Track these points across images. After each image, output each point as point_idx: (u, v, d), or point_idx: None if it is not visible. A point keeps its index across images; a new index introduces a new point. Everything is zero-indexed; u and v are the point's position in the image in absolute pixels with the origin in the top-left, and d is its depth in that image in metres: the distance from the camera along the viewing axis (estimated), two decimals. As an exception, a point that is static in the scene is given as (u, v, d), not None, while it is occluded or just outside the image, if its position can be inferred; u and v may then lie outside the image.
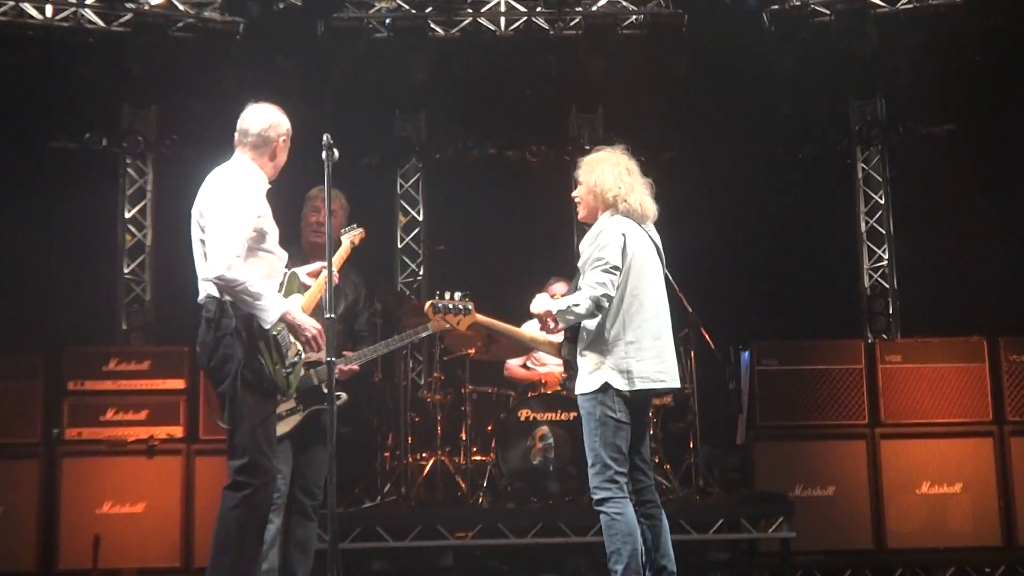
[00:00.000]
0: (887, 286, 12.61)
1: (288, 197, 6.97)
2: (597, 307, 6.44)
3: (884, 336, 12.21)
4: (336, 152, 6.37)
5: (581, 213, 6.97)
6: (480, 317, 7.23)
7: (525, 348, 10.40)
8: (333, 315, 6.24)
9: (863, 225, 12.82)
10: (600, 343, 6.54)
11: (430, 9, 11.72)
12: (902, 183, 12.75)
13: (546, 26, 11.84)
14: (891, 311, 12.51)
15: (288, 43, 11.39)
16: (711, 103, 12.11)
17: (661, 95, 12.02)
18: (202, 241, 6.28)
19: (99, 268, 12.24)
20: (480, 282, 11.88)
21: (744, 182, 12.30)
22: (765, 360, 10.36)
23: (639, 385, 6.48)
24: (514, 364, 10.72)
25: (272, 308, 6.21)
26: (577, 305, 6.46)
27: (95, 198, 12.24)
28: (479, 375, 10.21)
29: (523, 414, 9.68)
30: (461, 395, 9.93)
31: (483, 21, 11.85)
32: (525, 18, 11.84)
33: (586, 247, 6.69)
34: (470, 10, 11.77)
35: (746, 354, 10.57)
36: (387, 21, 11.71)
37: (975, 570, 10.14)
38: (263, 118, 6.55)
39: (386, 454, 10.45)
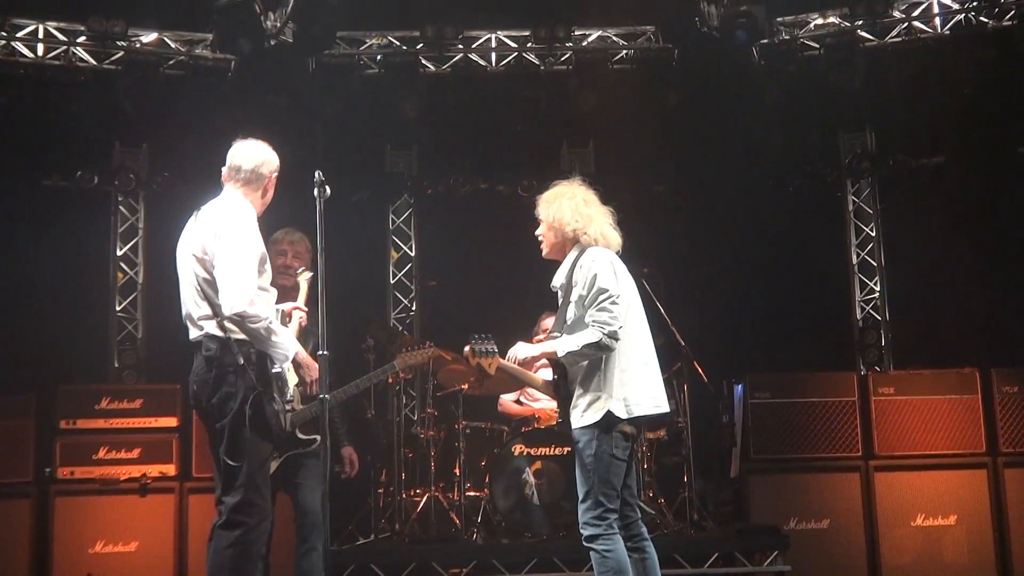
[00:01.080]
0: (879, 318, 12.62)
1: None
2: (613, 340, 6.30)
3: (877, 368, 12.21)
4: (328, 189, 6.37)
5: (545, 251, 6.91)
6: (500, 361, 7.00)
7: (519, 383, 10.39)
8: (326, 352, 6.23)
9: (854, 257, 12.85)
10: (594, 374, 6.42)
11: (421, 45, 11.75)
12: (892, 215, 12.78)
13: (537, 61, 11.89)
14: (883, 343, 12.52)
15: (279, 80, 11.41)
16: (702, 137, 12.16)
17: (652, 129, 12.06)
18: (205, 280, 6.23)
19: (91, 306, 12.21)
20: (473, 317, 11.92)
21: (735, 215, 12.34)
22: (758, 393, 10.35)
23: (636, 412, 6.36)
24: (508, 399, 10.72)
25: (289, 346, 6.24)
26: (592, 343, 6.29)
27: (87, 236, 12.23)
28: (472, 410, 10.19)
29: (517, 449, 9.67)
30: (454, 431, 9.91)
31: (474, 57, 11.89)
32: (516, 53, 11.89)
33: (576, 280, 6.56)
34: (461, 46, 11.81)
35: (739, 387, 10.56)
36: (378, 57, 11.75)
37: (971, 602, 10.13)
38: (255, 155, 6.53)
39: (380, 491, 10.40)
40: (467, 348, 6.72)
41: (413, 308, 12.97)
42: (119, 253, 12.42)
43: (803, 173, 12.87)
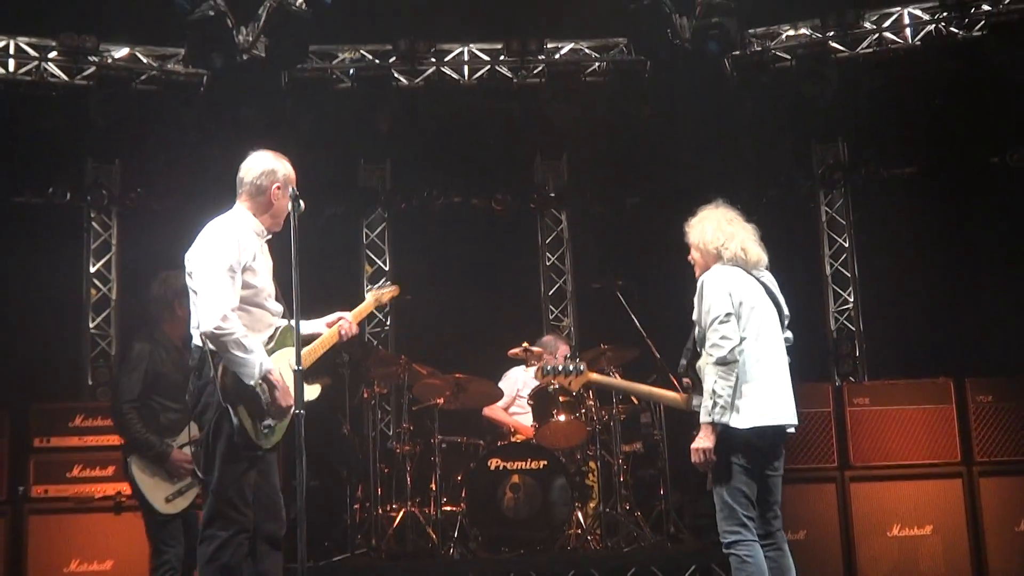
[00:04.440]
0: (853, 329, 12.65)
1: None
2: (726, 364, 6.39)
3: (851, 379, 12.23)
4: (302, 203, 6.35)
5: (697, 273, 6.95)
6: (593, 376, 7.35)
7: (499, 395, 10.40)
8: (300, 367, 6.20)
9: (828, 268, 12.88)
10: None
11: (393, 59, 11.73)
12: (866, 226, 12.81)
13: (509, 74, 11.89)
14: (858, 353, 12.54)
15: (252, 95, 11.39)
16: (674, 149, 12.16)
17: (625, 141, 12.12)
18: (193, 291, 6.23)
19: (64, 323, 12.13)
20: (448, 330, 11.96)
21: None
22: (734, 405, 10.34)
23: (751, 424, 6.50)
24: (497, 405, 10.61)
25: (255, 365, 6.12)
26: (715, 384, 6.41)
27: (59, 252, 12.16)
28: (448, 425, 10.17)
29: (493, 463, 9.66)
30: (431, 445, 9.88)
31: (446, 70, 11.88)
32: (488, 66, 11.89)
33: (696, 304, 6.70)
34: (433, 59, 11.80)
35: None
36: (351, 71, 11.73)
37: (947, 611, 10.15)
38: (256, 166, 6.48)
39: (356, 506, 10.38)
40: (536, 369, 7.36)
41: (388, 323, 12.95)
42: (92, 270, 12.33)
43: (776, 184, 12.92)
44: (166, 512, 7.45)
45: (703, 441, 6.46)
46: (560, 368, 7.16)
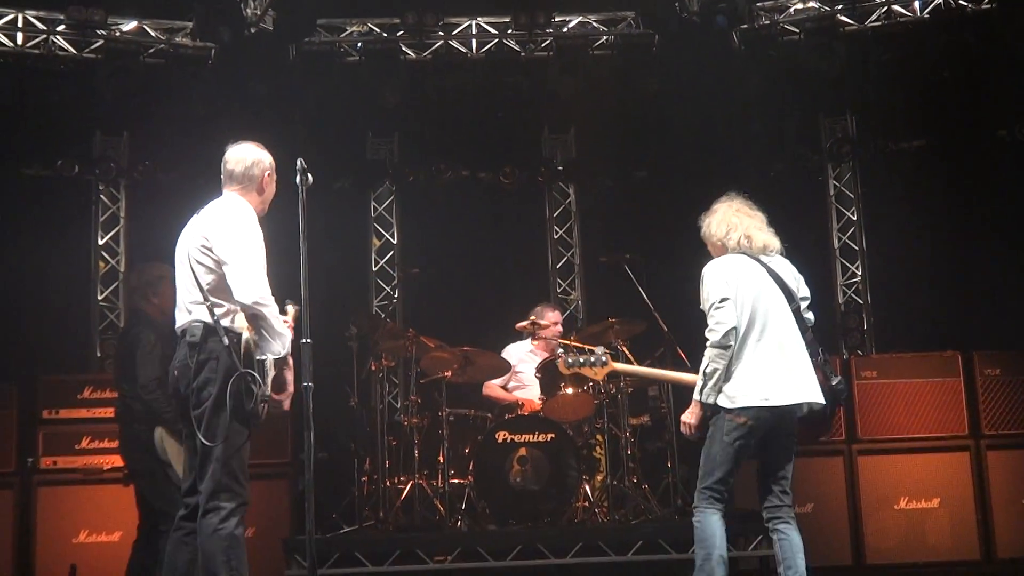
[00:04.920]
0: (861, 302, 12.64)
1: (263, 224, 6.92)
2: (720, 348, 6.68)
3: (859, 352, 12.22)
4: (310, 176, 6.37)
5: None
6: (617, 365, 7.68)
7: (506, 368, 10.41)
8: (309, 340, 6.24)
9: (836, 241, 12.85)
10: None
11: (401, 32, 11.73)
12: (874, 199, 12.78)
13: (517, 48, 11.88)
14: (865, 327, 12.54)
15: (260, 68, 11.39)
16: (682, 122, 12.15)
17: (632, 115, 12.09)
18: (201, 266, 6.29)
19: (73, 295, 12.16)
20: (456, 303, 11.96)
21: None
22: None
23: (740, 403, 6.76)
24: (494, 383, 10.66)
25: (289, 338, 6.34)
26: (706, 366, 6.74)
27: (68, 225, 12.18)
28: (456, 398, 10.18)
29: (500, 436, 9.66)
30: (438, 418, 9.88)
31: (454, 43, 11.88)
32: (496, 40, 11.88)
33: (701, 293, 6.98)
34: (441, 33, 11.79)
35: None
36: (359, 45, 11.72)
37: (954, 584, 10.19)
38: (245, 156, 6.57)
39: (364, 479, 10.39)
40: (559, 361, 7.57)
41: (395, 296, 12.94)
42: (100, 242, 12.35)
43: (784, 158, 12.89)
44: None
45: (689, 416, 6.88)
46: (582, 360, 7.37)
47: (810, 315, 7.06)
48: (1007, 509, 10.19)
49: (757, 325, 6.75)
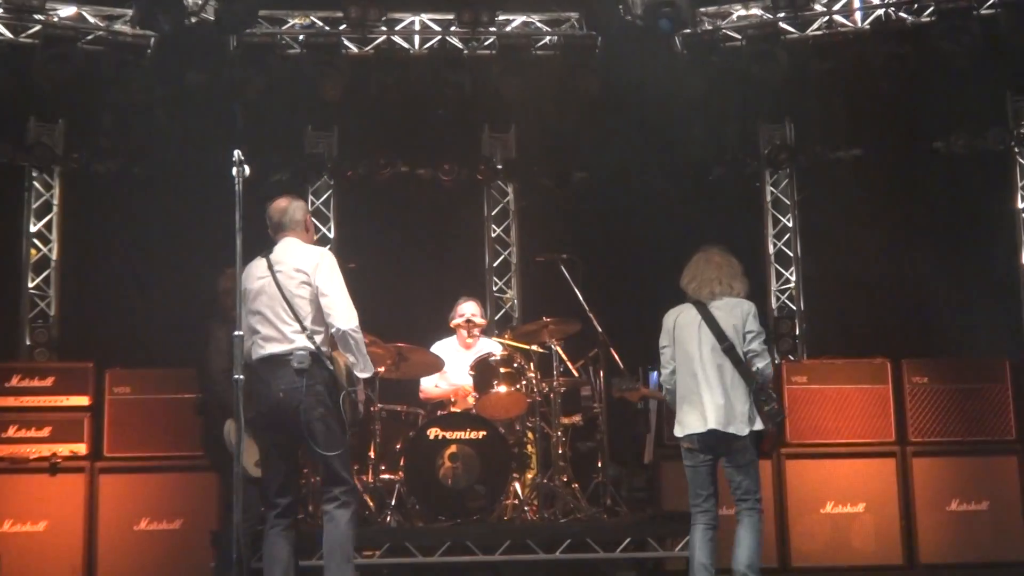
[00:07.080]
0: (794, 308, 12.75)
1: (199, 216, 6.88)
2: (667, 385, 8.06)
3: (791, 357, 12.33)
4: (247, 168, 6.36)
5: None
6: (645, 391, 9.57)
7: (440, 365, 10.36)
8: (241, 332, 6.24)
9: (771, 247, 12.95)
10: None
11: (344, 26, 11.69)
12: (809, 206, 12.90)
13: (460, 45, 11.89)
14: (797, 332, 12.65)
15: (200, 58, 11.31)
16: (623, 125, 12.21)
17: (574, 116, 12.12)
18: (302, 299, 7.19)
19: (2, 282, 12.01)
20: (392, 299, 11.92)
21: (654, 203, 12.43)
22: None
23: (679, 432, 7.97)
24: (428, 385, 10.61)
25: (371, 364, 7.48)
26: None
27: (0, 211, 12.04)
28: (388, 393, 10.16)
29: (432, 433, 9.65)
30: (370, 413, 9.87)
31: (397, 39, 11.86)
32: (439, 37, 11.88)
33: None
34: (384, 28, 11.77)
35: (654, 374, 10.58)
36: (300, 37, 11.69)
37: (877, 588, 10.28)
38: (299, 206, 7.55)
39: (294, 472, 10.34)
40: (613, 388, 9.21)
41: (331, 290, 12.87)
42: (33, 229, 12.16)
43: (722, 163, 12.97)
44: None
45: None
46: (625, 386, 9.13)
47: (754, 345, 7.77)
48: (931, 515, 10.30)
49: (686, 366, 7.82)
